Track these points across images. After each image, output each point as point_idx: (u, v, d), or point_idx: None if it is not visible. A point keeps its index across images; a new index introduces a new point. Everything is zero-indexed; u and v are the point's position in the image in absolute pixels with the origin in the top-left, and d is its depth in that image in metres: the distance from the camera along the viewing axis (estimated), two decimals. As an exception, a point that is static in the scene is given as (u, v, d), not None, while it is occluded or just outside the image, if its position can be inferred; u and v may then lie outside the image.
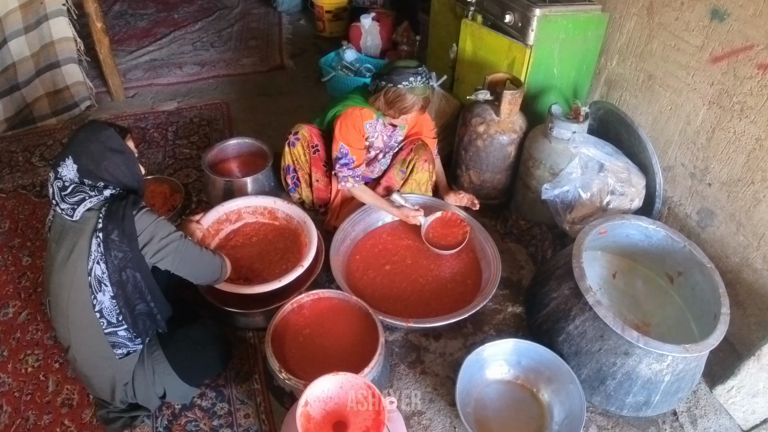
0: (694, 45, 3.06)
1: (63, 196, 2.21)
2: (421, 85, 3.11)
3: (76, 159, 2.23)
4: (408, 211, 3.45)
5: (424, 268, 3.37)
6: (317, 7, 6.38)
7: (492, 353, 2.76)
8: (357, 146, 3.37)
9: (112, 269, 2.23)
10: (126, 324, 2.33)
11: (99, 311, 2.27)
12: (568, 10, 3.47)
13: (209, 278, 2.65)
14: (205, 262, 2.57)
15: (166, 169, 4.27)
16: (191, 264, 2.50)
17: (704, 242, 3.14)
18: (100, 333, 2.31)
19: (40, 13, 4.37)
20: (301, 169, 3.63)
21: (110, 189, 2.29)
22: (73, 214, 2.20)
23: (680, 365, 2.52)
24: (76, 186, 2.23)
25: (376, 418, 2.03)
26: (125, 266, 2.25)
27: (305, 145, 3.56)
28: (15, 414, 2.69)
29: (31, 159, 4.37)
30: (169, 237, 2.37)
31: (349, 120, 3.30)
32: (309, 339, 2.74)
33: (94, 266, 2.22)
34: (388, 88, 3.11)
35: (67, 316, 2.30)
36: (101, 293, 2.25)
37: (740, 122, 2.86)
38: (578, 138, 3.23)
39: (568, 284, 2.74)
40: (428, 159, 3.54)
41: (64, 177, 2.23)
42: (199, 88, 5.44)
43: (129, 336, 2.37)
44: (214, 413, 2.69)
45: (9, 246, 3.58)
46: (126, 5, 7.29)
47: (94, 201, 2.22)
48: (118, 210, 2.21)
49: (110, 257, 2.21)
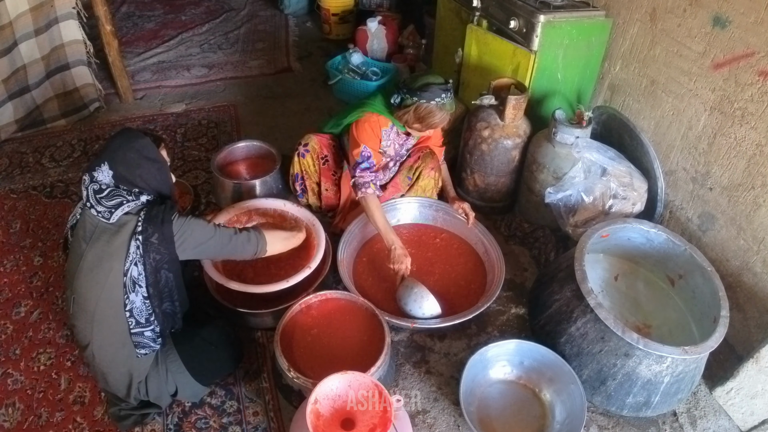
0: (696, 51, 3.09)
1: (99, 198, 2.27)
2: (450, 101, 3.15)
3: (112, 165, 2.29)
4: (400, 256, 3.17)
5: (430, 271, 3.40)
6: (324, 9, 6.39)
7: (495, 354, 2.80)
8: (376, 149, 3.40)
9: (150, 270, 2.31)
10: (154, 324, 2.41)
11: (129, 311, 2.33)
12: (572, 16, 3.51)
13: (249, 255, 2.72)
14: (242, 242, 2.64)
15: (175, 171, 4.26)
16: (231, 247, 2.62)
17: (705, 246, 3.17)
18: (126, 333, 2.37)
19: (50, 16, 4.41)
20: (309, 178, 3.69)
21: (145, 195, 2.36)
22: (110, 217, 2.26)
23: (680, 367, 2.55)
24: (113, 190, 2.29)
25: (383, 416, 2.07)
26: (161, 267, 2.34)
27: (315, 157, 3.62)
28: (28, 411, 2.73)
29: (41, 160, 4.41)
30: (208, 232, 2.51)
31: (368, 124, 3.32)
32: (317, 339, 2.78)
33: (131, 267, 2.28)
34: (419, 105, 3.12)
35: (93, 314, 2.34)
36: (134, 294, 2.31)
37: (741, 128, 2.89)
38: (581, 142, 3.27)
39: (570, 287, 2.78)
40: (434, 167, 3.58)
41: (100, 181, 2.29)
42: (206, 90, 5.47)
43: (153, 336, 2.44)
44: (223, 411, 2.74)
45: (20, 246, 3.62)
46: (133, 7, 7.31)
47: (131, 205, 2.29)
48: (158, 215, 2.30)
49: (149, 259, 2.29)
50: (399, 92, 3.20)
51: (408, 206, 3.65)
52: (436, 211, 3.64)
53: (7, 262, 3.51)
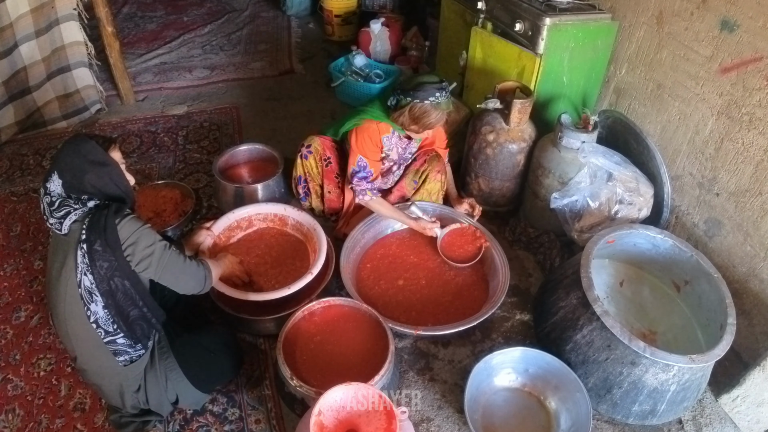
0: (704, 55, 3.07)
1: (51, 211, 2.24)
2: (445, 100, 3.12)
3: (61, 174, 2.24)
4: (425, 223, 3.46)
5: (434, 276, 3.38)
6: (326, 11, 6.39)
7: (500, 361, 2.78)
8: (374, 158, 3.38)
9: (100, 279, 2.23)
10: (122, 332, 2.34)
11: (95, 321, 2.29)
12: (578, 18, 3.49)
13: (192, 289, 2.58)
14: (189, 273, 2.53)
15: (177, 174, 4.29)
16: (174, 274, 2.46)
17: (711, 252, 3.15)
18: (100, 342, 2.33)
19: (51, 18, 4.39)
20: (312, 181, 3.65)
21: (94, 200, 2.30)
22: (61, 228, 2.22)
23: (686, 375, 2.53)
24: (62, 200, 2.24)
25: (388, 427, 2.05)
26: (112, 275, 2.26)
27: (318, 158, 3.59)
28: (28, 417, 2.72)
29: (42, 162, 4.40)
30: (153, 246, 2.34)
31: (366, 134, 3.31)
32: (320, 346, 2.75)
33: (82, 278, 2.23)
34: (413, 104, 3.11)
35: (66, 328, 2.33)
36: (93, 304, 2.26)
37: (749, 133, 2.87)
38: (587, 147, 3.24)
39: (576, 294, 2.76)
40: (441, 170, 3.56)
41: (51, 192, 2.25)
42: (208, 92, 5.46)
43: (128, 343, 2.38)
44: (225, 418, 2.72)
45: (21, 249, 3.60)
46: (135, 7, 7.32)
47: (78, 213, 2.24)
48: (100, 220, 2.22)
49: (96, 268, 2.22)
50: (395, 94, 3.20)
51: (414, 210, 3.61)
52: (441, 215, 3.60)
53: (7, 266, 3.49)
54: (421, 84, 3.11)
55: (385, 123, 3.31)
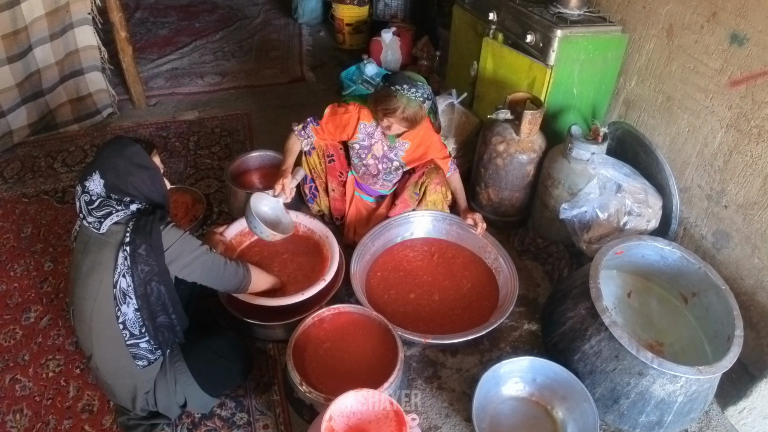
0: (713, 68, 3.08)
1: (90, 209, 2.24)
2: (411, 96, 3.11)
3: (103, 174, 2.26)
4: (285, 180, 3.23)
5: (441, 285, 3.39)
6: (337, 19, 6.43)
7: (508, 370, 2.78)
8: (328, 130, 3.47)
9: (138, 282, 2.25)
10: (148, 336, 2.36)
11: (122, 323, 2.30)
12: (589, 31, 3.50)
13: (233, 288, 2.70)
14: (230, 273, 2.60)
15: (188, 179, 4.31)
16: (217, 276, 2.54)
17: (719, 264, 3.15)
18: (122, 344, 2.34)
19: (65, 22, 4.43)
20: (318, 178, 3.65)
21: (136, 204, 2.32)
22: (100, 228, 2.23)
23: (693, 386, 2.53)
24: (103, 200, 2.26)
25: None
26: (151, 279, 2.28)
27: (321, 155, 3.59)
28: (35, 418, 2.73)
29: (53, 165, 4.43)
30: (197, 252, 2.42)
31: (338, 114, 3.44)
32: (329, 353, 2.76)
33: (119, 279, 2.24)
34: (383, 86, 3.19)
35: (90, 326, 2.34)
36: (125, 305, 2.28)
37: (758, 146, 2.87)
38: (597, 159, 3.25)
39: (584, 304, 2.77)
40: (440, 182, 3.55)
41: (91, 191, 2.26)
42: (220, 98, 5.50)
43: (150, 348, 2.40)
44: (233, 423, 2.72)
45: (31, 251, 3.63)
46: (147, 13, 7.37)
47: (120, 215, 2.26)
48: (146, 225, 2.25)
49: (137, 270, 2.24)
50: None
51: (421, 220, 3.63)
52: (450, 225, 3.62)
53: (18, 267, 3.51)
54: (400, 74, 3.23)
55: (367, 110, 3.38)
